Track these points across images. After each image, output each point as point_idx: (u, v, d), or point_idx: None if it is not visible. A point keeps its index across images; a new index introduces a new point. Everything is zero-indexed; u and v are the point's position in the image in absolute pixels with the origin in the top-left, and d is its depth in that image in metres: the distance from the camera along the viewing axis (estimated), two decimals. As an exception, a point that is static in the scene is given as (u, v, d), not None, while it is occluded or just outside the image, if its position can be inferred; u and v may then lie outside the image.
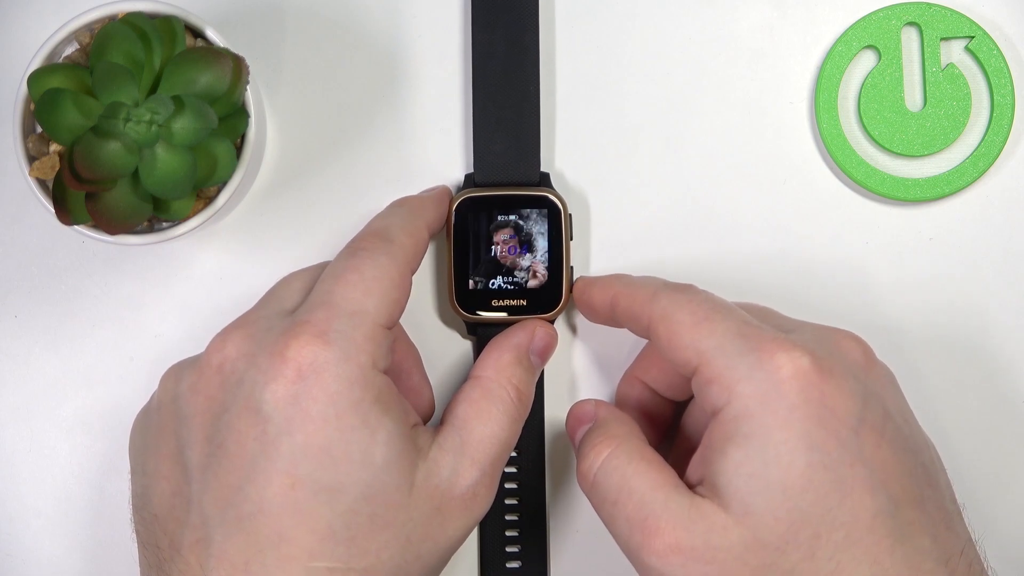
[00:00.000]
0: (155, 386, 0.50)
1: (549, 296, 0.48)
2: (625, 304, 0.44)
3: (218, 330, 0.50)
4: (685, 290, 0.43)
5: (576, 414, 0.45)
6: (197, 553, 0.39)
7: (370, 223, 0.45)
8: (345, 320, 0.40)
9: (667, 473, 0.40)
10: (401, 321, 0.50)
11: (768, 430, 0.38)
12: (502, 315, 0.48)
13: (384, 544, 0.39)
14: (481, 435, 0.42)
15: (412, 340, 0.49)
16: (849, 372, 0.39)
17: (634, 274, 0.49)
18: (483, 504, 0.42)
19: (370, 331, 0.40)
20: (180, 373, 0.42)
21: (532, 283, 0.48)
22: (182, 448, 0.41)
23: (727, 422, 0.39)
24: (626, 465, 0.41)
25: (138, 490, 0.42)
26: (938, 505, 0.39)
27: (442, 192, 0.48)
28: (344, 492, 0.38)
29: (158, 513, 0.41)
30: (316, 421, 0.38)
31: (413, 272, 0.44)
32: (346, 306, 0.40)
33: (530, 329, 0.46)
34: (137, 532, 0.43)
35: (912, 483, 0.39)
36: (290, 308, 0.42)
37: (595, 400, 0.46)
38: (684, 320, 0.41)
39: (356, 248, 0.42)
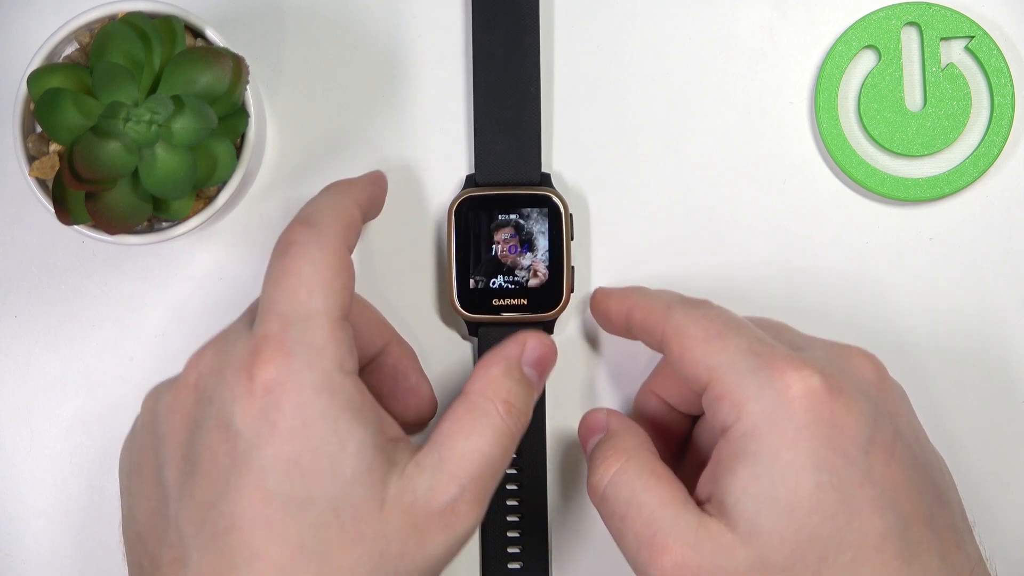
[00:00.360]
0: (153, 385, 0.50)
1: (550, 295, 0.48)
2: (640, 317, 0.44)
3: (216, 331, 0.50)
4: (699, 305, 0.43)
5: (588, 423, 0.45)
6: (175, 572, 0.38)
7: (299, 211, 0.43)
8: (299, 327, 0.39)
9: (676, 489, 0.40)
10: (401, 321, 0.50)
11: (776, 450, 0.38)
12: (503, 315, 0.48)
13: (356, 560, 0.38)
14: (463, 450, 0.40)
15: (412, 340, 0.49)
16: (860, 391, 0.39)
17: (638, 278, 0.49)
18: (466, 522, 0.40)
19: (327, 331, 0.39)
20: (159, 393, 0.42)
21: (533, 282, 0.48)
22: (160, 467, 0.40)
23: (736, 440, 0.39)
24: (635, 480, 0.40)
25: (125, 511, 0.42)
26: (948, 523, 0.39)
27: (375, 173, 0.47)
28: (313, 505, 0.38)
29: (141, 532, 0.41)
30: (284, 434, 0.38)
31: (350, 251, 0.42)
32: (296, 311, 0.39)
33: (521, 340, 0.44)
34: (125, 553, 0.42)
35: (922, 501, 0.38)
36: (252, 315, 0.42)
37: (607, 409, 0.45)
38: (696, 335, 0.41)
39: (287, 243, 0.41)
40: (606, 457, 0.42)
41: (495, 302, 0.48)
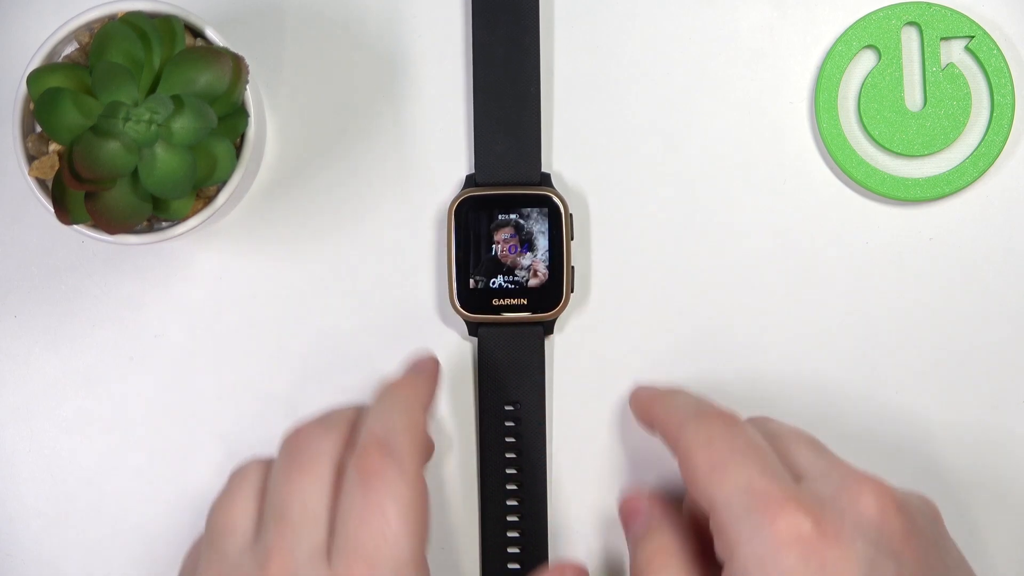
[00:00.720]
0: (154, 386, 0.50)
1: (550, 295, 0.48)
2: (659, 429, 0.44)
3: (219, 331, 0.50)
4: (709, 424, 0.42)
5: (630, 508, 0.45)
6: None
7: (370, 424, 0.42)
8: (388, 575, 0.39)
9: None
10: (401, 321, 0.50)
11: None
12: (503, 315, 0.48)
13: None
14: None
15: (412, 340, 0.49)
16: (859, 532, 0.38)
17: (638, 278, 0.49)
18: None
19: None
20: None
21: (533, 282, 0.48)
22: None
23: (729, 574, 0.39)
24: None
25: None
26: None
27: (433, 367, 0.46)
28: None
29: None
30: None
31: (424, 469, 0.43)
32: (383, 557, 0.39)
33: (558, 573, 0.45)
34: None
35: None
36: (321, 541, 0.40)
37: (648, 496, 0.45)
38: (700, 465, 0.41)
39: (367, 473, 0.40)
40: (651, 557, 0.42)
41: (495, 302, 0.48)
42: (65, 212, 0.43)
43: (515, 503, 0.49)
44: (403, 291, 0.50)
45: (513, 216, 0.48)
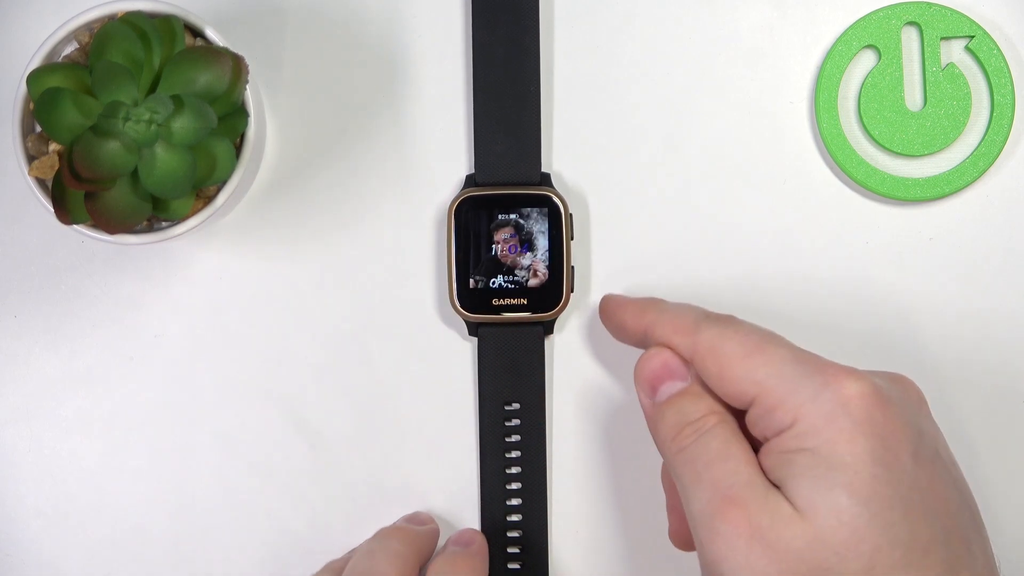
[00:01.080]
0: (154, 386, 0.50)
1: (550, 295, 0.48)
2: (662, 334, 0.43)
3: (219, 331, 0.50)
4: (729, 321, 0.42)
5: (667, 367, 0.43)
6: None
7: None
8: None
9: (754, 455, 0.40)
10: (401, 321, 0.50)
11: (835, 443, 0.38)
12: (503, 315, 0.48)
13: None
14: None
15: (412, 340, 0.49)
16: (906, 405, 0.39)
17: (638, 277, 0.49)
18: None
19: None
20: None
21: (533, 282, 0.48)
22: None
23: (791, 438, 0.39)
24: (731, 436, 0.40)
25: None
26: (982, 550, 0.39)
27: (481, 541, 0.49)
28: None
29: None
30: None
31: None
32: None
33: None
34: None
35: (959, 522, 0.39)
36: None
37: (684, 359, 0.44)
38: (734, 352, 0.41)
39: None
40: (706, 418, 0.41)
41: (495, 302, 0.48)
42: (65, 212, 0.43)
43: (515, 503, 0.49)
44: (403, 291, 0.50)
45: (513, 216, 0.48)
